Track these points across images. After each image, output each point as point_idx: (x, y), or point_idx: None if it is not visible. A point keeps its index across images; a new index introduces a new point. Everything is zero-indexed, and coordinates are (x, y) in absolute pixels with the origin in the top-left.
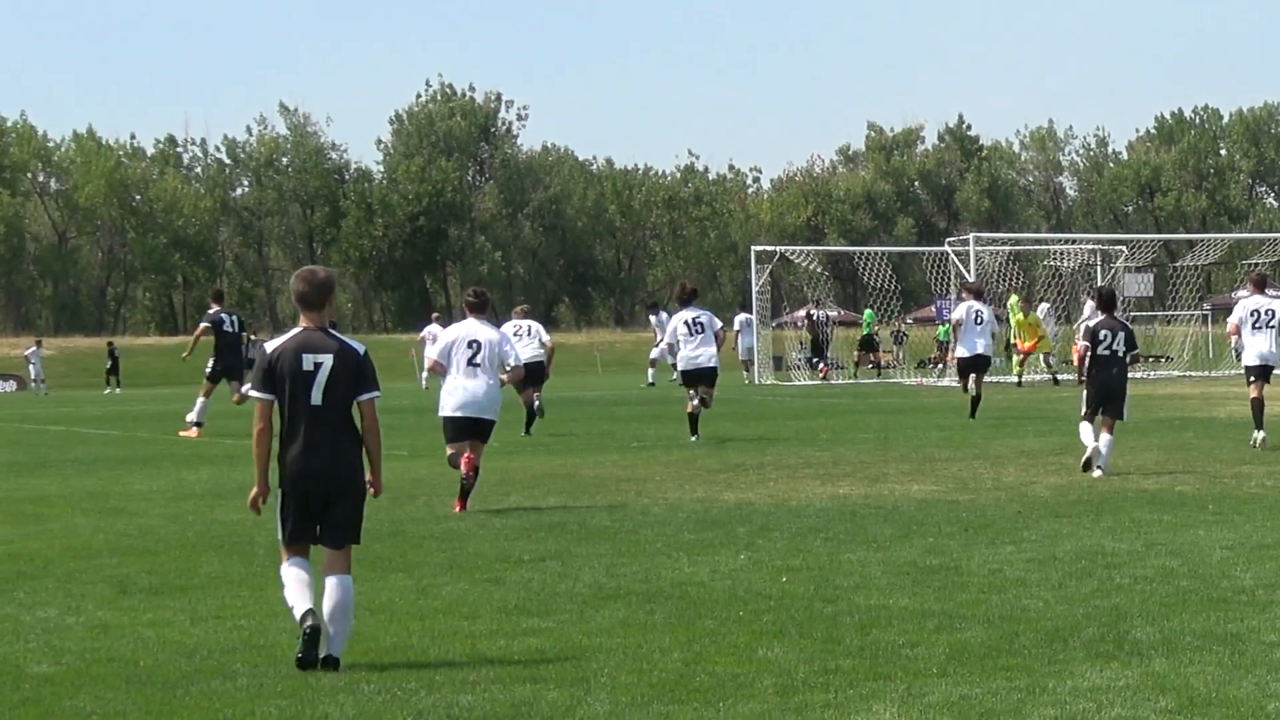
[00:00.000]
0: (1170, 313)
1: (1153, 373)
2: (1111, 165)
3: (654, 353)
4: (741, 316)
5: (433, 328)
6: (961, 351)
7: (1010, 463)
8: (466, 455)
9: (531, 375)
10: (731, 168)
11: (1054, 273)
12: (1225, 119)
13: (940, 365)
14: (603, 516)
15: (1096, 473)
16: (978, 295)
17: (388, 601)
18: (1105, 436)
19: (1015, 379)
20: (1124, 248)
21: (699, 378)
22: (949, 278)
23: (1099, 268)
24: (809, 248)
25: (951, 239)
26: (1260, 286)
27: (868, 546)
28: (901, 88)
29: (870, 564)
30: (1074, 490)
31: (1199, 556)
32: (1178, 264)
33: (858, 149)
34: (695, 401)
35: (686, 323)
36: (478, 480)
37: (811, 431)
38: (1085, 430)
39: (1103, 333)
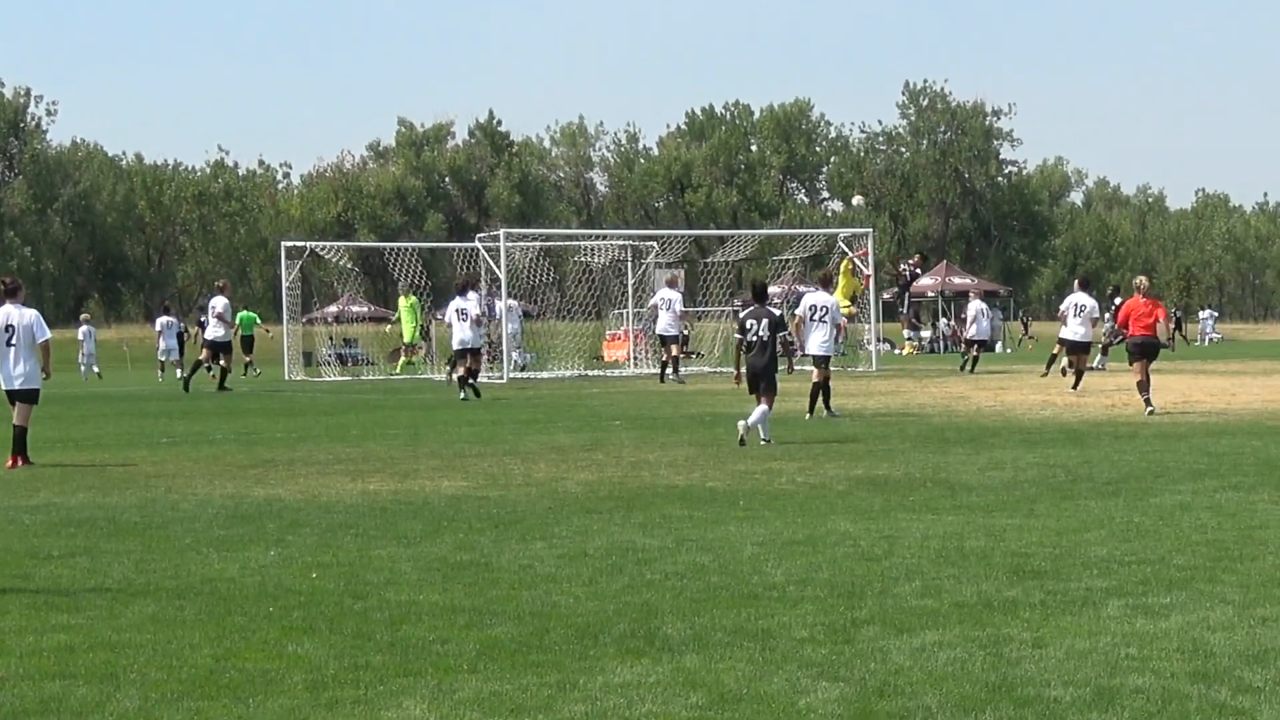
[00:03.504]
0: (701, 309)
1: (688, 369)
2: (642, 161)
3: None
4: (163, 319)
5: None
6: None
7: (541, 459)
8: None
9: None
10: (262, 163)
11: (585, 269)
12: (756, 115)
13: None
14: (132, 512)
15: (762, 444)
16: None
17: None
18: (760, 409)
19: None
20: (655, 244)
21: (465, 353)
22: (481, 273)
23: (630, 264)
24: (339, 243)
25: (482, 235)
26: (825, 284)
27: (398, 542)
28: (432, 84)
29: (400, 560)
30: (605, 486)
31: (730, 552)
32: (709, 260)
33: (388, 144)
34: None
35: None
36: (27, 436)
37: (342, 427)
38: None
39: (749, 321)
